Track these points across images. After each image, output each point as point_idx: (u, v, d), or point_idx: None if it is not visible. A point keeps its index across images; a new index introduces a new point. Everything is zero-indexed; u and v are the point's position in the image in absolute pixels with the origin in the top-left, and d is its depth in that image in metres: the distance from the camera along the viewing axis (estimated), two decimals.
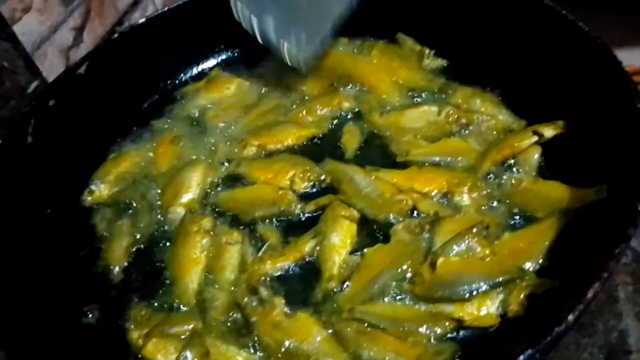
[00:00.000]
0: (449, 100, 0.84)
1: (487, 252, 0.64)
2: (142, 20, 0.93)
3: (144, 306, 0.69)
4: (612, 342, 0.65)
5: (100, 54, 0.90)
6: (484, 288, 0.61)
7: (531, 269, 0.63)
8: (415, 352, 0.58)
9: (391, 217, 0.71)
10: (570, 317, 0.46)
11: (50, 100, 0.83)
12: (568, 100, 0.75)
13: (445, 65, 0.90)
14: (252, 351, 0.62)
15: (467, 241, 0.64)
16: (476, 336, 0.61)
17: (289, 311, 0.64)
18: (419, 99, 0.86)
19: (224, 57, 1.00)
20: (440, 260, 0.63)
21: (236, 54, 1.00)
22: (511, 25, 0.83)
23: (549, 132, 0.73)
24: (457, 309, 0.61)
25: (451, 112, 0.80)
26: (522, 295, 0.60)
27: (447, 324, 0.60)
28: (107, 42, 0.92)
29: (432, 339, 0.60)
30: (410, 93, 0.87)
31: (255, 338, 0.63)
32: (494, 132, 0.79)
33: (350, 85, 0.90)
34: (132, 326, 0.67)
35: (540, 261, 0.63)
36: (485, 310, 0.60)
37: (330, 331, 0.62)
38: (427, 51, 0.90)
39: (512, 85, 0.82)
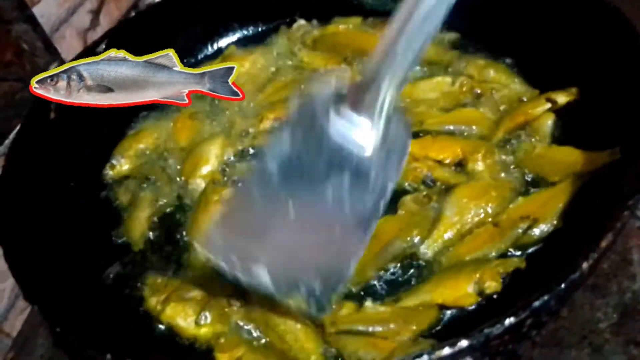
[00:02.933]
0: (462, 71, 0.84)
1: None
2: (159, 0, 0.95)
3: (160, 274, 0.71)
4: (626, 302, 0.66)
5: (118, 33, 0.92)
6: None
7: (546, 230, 0.64)
8: (391, 345, 0.58)
9: (406, 185, 0.72)
10: (585, 265, 0.47)
11: None
12: (580, 67, 0.76)
13: (457, 37, 0.90)
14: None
15: None
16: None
17: None
18: (432, 71, 0.87)
19: (238, 34, 1.02)
20: None
21: (250, 32, 1.02)
22: None
23: (562, 98, 0.74)
24: (436, 295, 0.61)
25: (465, 82, 0.81)
26: (496, 272, 0.61)
27: (430, 311, 0.60)
28: (124, 20, 0.94)
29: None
30: (423, 66, 0.88)
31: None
32: (508, 102, 0.79)
33: (364, 59, 0.91)
34: (149, 293, 0.69)
35: (555, 222, 0.64)
36: (463, 290, 0.61)
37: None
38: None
39: (525, 54, 0.83)
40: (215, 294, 0.67)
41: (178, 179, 0.81)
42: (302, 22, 0.99)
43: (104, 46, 0.90)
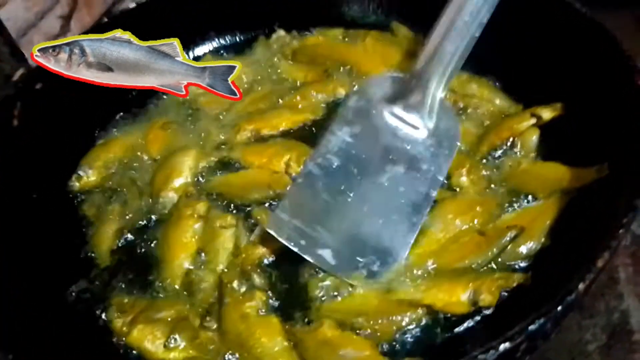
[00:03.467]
0: None
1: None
2: (133, 4, 0.91)
3: (126, 293, 0.67)
4: (614, 323, 0.64)
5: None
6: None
7: (533, 248, 0.62)
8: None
9: None
10: (581, 286, 0.45)
11: (37, 84, 0.81)
12: (564, 83, 0.75)
13: None
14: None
15: None
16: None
17: (263, 311, 0.62)
18: None
19: (215, 43, 0.98)
20: None
21: (227, 41, 0.99)
22: (504, 10, 0.82)
23: (546, 114, 0.73)
24: (427, 295, 0.59)
25: (447, 96, 0.79)
26: (494, 287, 0.58)
27: (419, 311, 0.59)
28: (96, 26, 0.90)
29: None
30: None
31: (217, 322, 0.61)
32: (491, 117, 0.78)
33: (345, 71, 0.89)
34: (116, 314, 0.64)
35: (543, 240, 0.62)
36: (456, 297, 0.59)
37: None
38: (422, 38, 0.89)
39: (508, 70, 0.81)
40: (187, 314, 0.62)
41: (149, 192, 0.77)
42: (281, 32, 0.97)
43: None
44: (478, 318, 0.59)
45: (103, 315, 0.65)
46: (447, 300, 0.58)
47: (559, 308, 0.43)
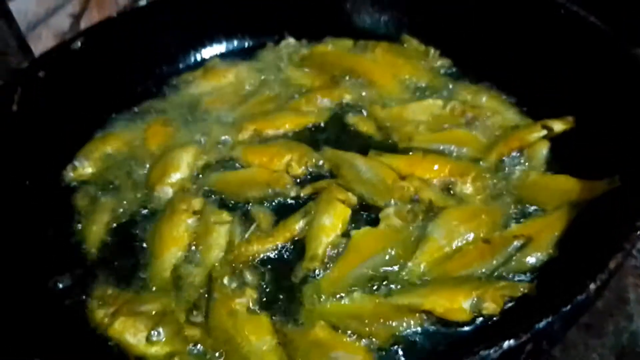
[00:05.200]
0: (454, 97, 0.81)
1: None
2: (143, 2, 0.91)
3: (111, 285, 0.64)
4: (624, 344, 0.60)
5: (96, 32, 0.87)
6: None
7: (540, 259, 0.59)
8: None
9: (392, 204, 0.67)
10: (592, 286, 0.42)
11: (40, 72, 0.80)
12: (575, 97, 0.73)
13: (450, 64, 0.87)
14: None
15: None
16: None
17: (252, 307, 0.59)
18: (422, 95, 0.83)
19: (222, 47, 0.98)
20: None
21: (235, 45, 0.98)
22: (515, 23, 0.82)
23: (558, 126, 0.71)
24: (427, 301, 0.56)
25: (457, 105, 0.78)
26: (498, 295, 0.56)
27: (417, 316, 0.56)
28: (105, 21, 0.89)
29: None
30: (414, 90, 0.84)
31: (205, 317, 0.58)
32: (500, 128, 0.76)
33: (352, 79, 0.87)
34: (96, 305, 0.61)
35: (551, 251, 0.59)
36: (457, 303, 0.56)
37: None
38: (432, 50, 0.89)
39: (518, 84, 0.80)
40: (173, 308, 0.59)
41: (144, 185, 0.75)
42: (291, 40, 0.96)
43: (79, 44, 0.85)
44: (479, 327, 0.55)
45: (86, 306, 0.61)
46: (448, 307, 0.55)
47: (569, 307, 0.40)
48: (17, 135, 0.76)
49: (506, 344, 0.38)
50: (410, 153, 0.73)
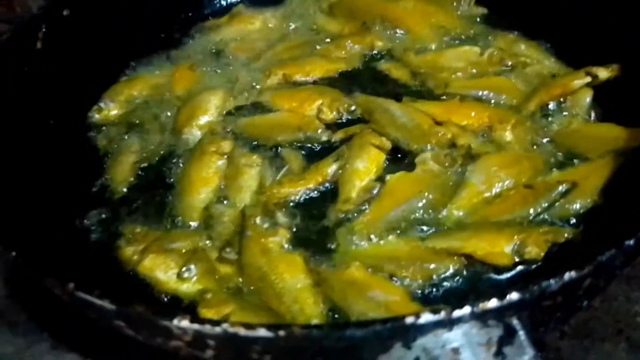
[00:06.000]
0: (491, 44, 0.78)
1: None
2: None
3: (140, 223, 0.63)
4: None
5: None
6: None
7: (585, 205, 0.57)
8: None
9: (428, 149, 0.65)
10: None
11: (64, 10, 0.78)
12: (616, 45, 0.70)
13: (485, 13, 0.84)
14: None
15: None
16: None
17: (287, 246, 0.57)
18: (457, 43, 0.80)
19: None
20: None
21: None
22: None
23: (603, 73, 0.68)
24: (468, 244, 0.55)
25: (495, 53, 0.75)
26: (542, 240, 0.54)
27: (455, 259, 0.54)
28: None
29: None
30: (447, 38, 0.81)
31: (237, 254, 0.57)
32: (540, 77, 0.73)
33: (383, 26, 0.84)
34: (125, 242, 0.60)
35: (595, 198, 0.57)
36: (499, 247, 0.54)
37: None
38: None
39: (558, 32, 0.77)
40: (203, 246, 0.58)
41: (171, 128, 0.73)
42: None
43: None
44: (520, 273, 0.54)
45: (114, 243, 0.60)
46: (489, 250, 0.53)
47: (632, 242, 0.38)
48: (41, 74, 0.74)
49: (567, 275, 0.36)
50: (446, 99, 0.70)
